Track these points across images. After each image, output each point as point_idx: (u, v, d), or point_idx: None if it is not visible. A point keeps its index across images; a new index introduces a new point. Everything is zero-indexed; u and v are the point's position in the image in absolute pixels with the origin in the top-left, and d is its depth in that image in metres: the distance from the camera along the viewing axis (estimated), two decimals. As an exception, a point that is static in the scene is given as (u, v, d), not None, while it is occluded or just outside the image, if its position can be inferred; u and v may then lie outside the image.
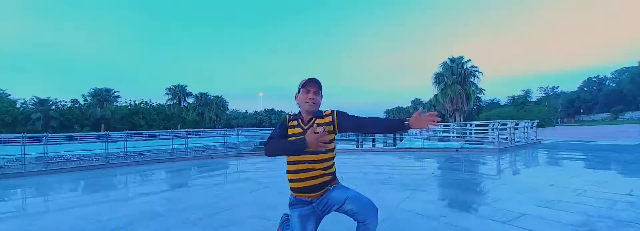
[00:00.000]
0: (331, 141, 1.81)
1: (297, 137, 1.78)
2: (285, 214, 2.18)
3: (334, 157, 1.89)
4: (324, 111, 1.90)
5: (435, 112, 1.63)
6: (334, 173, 1.90)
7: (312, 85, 1.83)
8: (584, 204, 3.13)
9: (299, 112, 1.92)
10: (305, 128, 1.82)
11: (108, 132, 8.40)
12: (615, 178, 4.77)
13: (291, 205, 1.88)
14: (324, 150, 1.67)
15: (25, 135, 7.29)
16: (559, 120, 58.64)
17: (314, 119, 1.85)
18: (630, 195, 3.48)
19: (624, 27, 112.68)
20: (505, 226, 2.58)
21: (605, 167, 5.77)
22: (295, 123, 1.87)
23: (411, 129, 1.68)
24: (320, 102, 1.88)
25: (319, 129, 1.65)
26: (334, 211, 1.83)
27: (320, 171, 1.81)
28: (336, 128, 1.85)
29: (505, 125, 10.29)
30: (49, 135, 7.47)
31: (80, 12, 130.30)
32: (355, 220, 1.76)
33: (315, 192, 1.81)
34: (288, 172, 1.85)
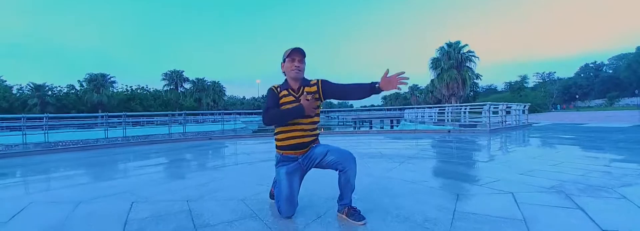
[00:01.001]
0: (318, 106, 2.07)
1: (290, 105, 2.00)
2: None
3: (318, 121, 2.13)
4: (310, 80, 2.09)
5: (403, 71, 1.80)
6: (317, 135, 2.14)
7: (297, 54, 2.02)
8: (560, 172, 3.34)
9: (286, 81, 2.10)
10: (297, 95, 2.02)
11: (107, 113, 8.48)
12: (598, 153, 4.97)
13: (278, 163, 2.11)
14: (313, 114, 2.02)
15: (26, 115, 7.41)
16: (558, 106, 59.05)
17: (302, 87, 2.04)
18: (608, 166, 3.68)
19: (623, 14, 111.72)
20: (481, 188, 2.79)
21: (590, 145, 5.97)
22: (285, 92, 2.05)
23: (383, 91, 1.88)
24: (304, 69, 2.06)
25: (309, 97, 1.97)
26: (316, 167, 2.06)
27: (309, 132, 2.06)
28: (321, 96, 2.07)
29: (497, 107, 10.49)
30: (49, 115, 7.60)
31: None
32: (335, 169, 1.98)
33: (302, 149, 2.05)
34: (280, 132, 2.06)
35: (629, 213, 2.06)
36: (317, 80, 2.08)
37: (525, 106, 12.42)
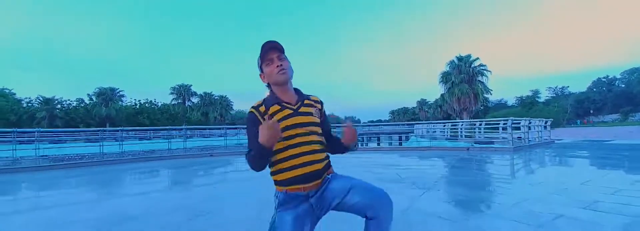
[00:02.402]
0: (317, 124, 1.44)
1: (290, 120, 1.36)
2: (273, 219, 1.72)
3: (323, 140, 1.49)
4: (310, 96, 1.51)
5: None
6: (329, 160, 1.50)
7: (270, 53, 1.39)
8: (624, 204, 2.69)
9: (271, 93, 1.45)
10: (295, 107, 1.41)
11: (103, 129, 8.04)
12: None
13: (281, 205, 1.41)
14: (276, 141, 1.26)
15: (16, 130, 7.00)
16: (578, 121, 58.02)
17: (303, 100, 1.45)
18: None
19: (634, 27, 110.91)
20: (539, 230, 2.15)
21: (633, 165, 5.29)
22: (277, 107, 1.39)
23: (347, 144, 1.50)
24: (290, 66, 1.43)
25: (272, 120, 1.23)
26: (333, 209, 1.41)
27: (317, 154, 1.39)
28: (320, 118, 1.49)
29: (518, 123, 9.79)
30: (41, 130, 7.16)
31: (85, 12, 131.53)
32: (363, 215, 1.35)
33: (316, 180, 1.38)
34: (277, 162, 1.39)
35: None
36: (319, 99, 1.54)
37: (546, 122, 11.68)
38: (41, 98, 39.41)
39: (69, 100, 42.02)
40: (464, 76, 30.94)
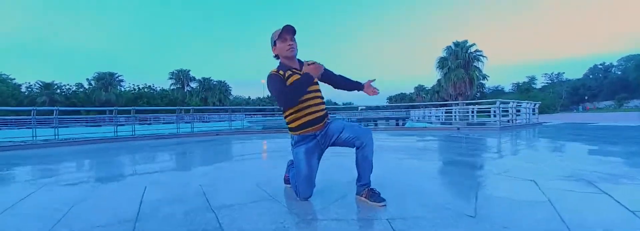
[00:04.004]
0: (317, 83, 2.10)
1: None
2: (290, 160, 2.36)
3: (321, 94, 2.15)
4: (307, 61, 2.08)
5: (375, 81, 2.33)
6: (326, 110, 2.12)
7: (288, 33, 1.98)
8: (577, 163, 3.25)
9: (281, 64, 2.05)
10: (301, 73, 1.98)
11: (116, 108, 8.54)
12: (613, 147, 4.85)
13: (296, 143, 2.05)
14: (320, 77, 2.02)
15: (36, 108, 7.48)
16: (580, 107, 58.86)
17: (306, 62, 2.04)
18: (626, 159, 3.60)
19: (632, 14, 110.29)
20: (500, 176, 2.72)
21: (604, 141, 5.86)
22: (290, 72, 1.98)
23: (361, 91, 2.32)
24: (297, 47, 2.04)
25: (310, 61, 1.99)
26: (332, 145, 2.04)
27: (319, 106, 2.03)
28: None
29: (507, 105, 10.36)
30: (60, 108, 7.66)
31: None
32: (352, 145, 1.95)
33: (319, 123, 2.00)
34: (292, 113, 1.99)
35: (658, 198, 2.00)
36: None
37: (535, 105, 12.24)
38: (41, 83, 39.50)
39: (68, 85, 42.10)
40: (460, 61, 31.35)
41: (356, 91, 2.31)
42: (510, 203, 1.89)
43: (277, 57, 2.06)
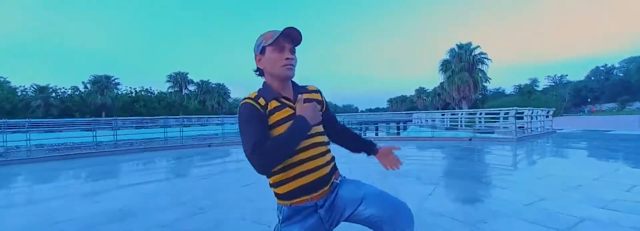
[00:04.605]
0: (320, 122, 1.20)
1: (289, 122, 1.10)
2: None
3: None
4: (306, 86, 1.28)
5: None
6: (334, 160, 1.27)
7: (289, 39, 1.13)
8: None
9: (265, 85, 1.19)
10: (295, 106, 1.15)
11: (98, 118, 7.82)
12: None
13: (286, 220, 1.18)
14: (319, 122, 1.17)
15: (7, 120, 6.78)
16: (586, 110, 58.46)
17: (301, 94, 1.21)
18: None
19: (634, 16, 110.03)
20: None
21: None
22: (276, 103, 1.13)
23: (375, 156, 1.50)
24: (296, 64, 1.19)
25: (306, 95, 1.22)
26: (345, 221, 1.22)
27: (323, 157, 1.18)
28: (323, 110, 1.27)
29: (522, 113, 9.63)
30: (31, 120, 6.93)
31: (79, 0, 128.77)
32: (378, 230, 1.15)
33: (323, 187, 1.16)
34: (279, 171, 1.13)
35: None
36: (318, 89, 1.30)
37: (548, 111, 11.53)
38: (36, 87, 38.81)
39: (63, 88, 41.44)
40: (464, 64, 30.69)
41: (362, 153, 1.49)
42: None
43: (260, 72, 1.21)
